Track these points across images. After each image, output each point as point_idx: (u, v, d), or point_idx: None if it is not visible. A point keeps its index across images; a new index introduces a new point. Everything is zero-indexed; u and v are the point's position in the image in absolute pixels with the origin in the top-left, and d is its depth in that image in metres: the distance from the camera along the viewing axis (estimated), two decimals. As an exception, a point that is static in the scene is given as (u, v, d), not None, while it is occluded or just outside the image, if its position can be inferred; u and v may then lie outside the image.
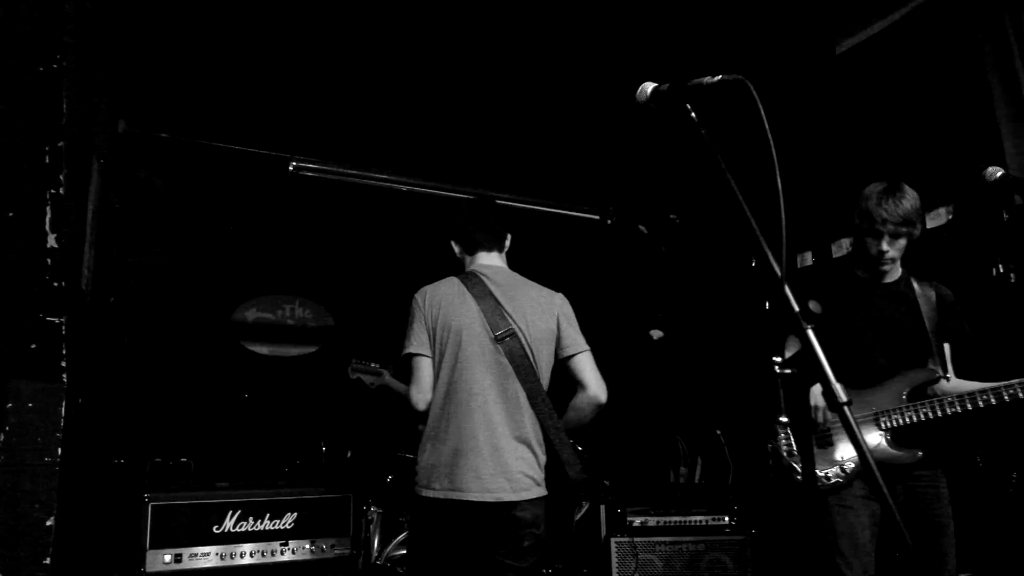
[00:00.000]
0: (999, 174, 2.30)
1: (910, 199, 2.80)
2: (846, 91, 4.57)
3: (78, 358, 2.91)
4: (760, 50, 4.48)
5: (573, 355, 2.68)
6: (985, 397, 2.56)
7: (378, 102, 4.56)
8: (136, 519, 3.00)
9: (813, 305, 1.22)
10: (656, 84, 1.65)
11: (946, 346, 2.88)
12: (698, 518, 3.99)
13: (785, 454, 2.82)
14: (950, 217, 3.93)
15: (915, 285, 2.94)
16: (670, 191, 5.50)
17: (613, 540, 3.96)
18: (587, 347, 2.72)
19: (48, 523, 2.54)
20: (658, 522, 4.00)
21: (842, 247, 4.53)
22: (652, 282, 5.63)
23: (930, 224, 4.05)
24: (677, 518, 4.00)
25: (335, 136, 4.55)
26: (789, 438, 2.84)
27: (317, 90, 4.36)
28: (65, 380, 2.65)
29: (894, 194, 2.79)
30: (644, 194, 5.48)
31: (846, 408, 1.18)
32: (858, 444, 1.15)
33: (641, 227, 5.64)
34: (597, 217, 5.31)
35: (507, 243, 2.91)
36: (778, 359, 1.80)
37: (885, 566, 2.71)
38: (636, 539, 3.93)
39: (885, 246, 2.80)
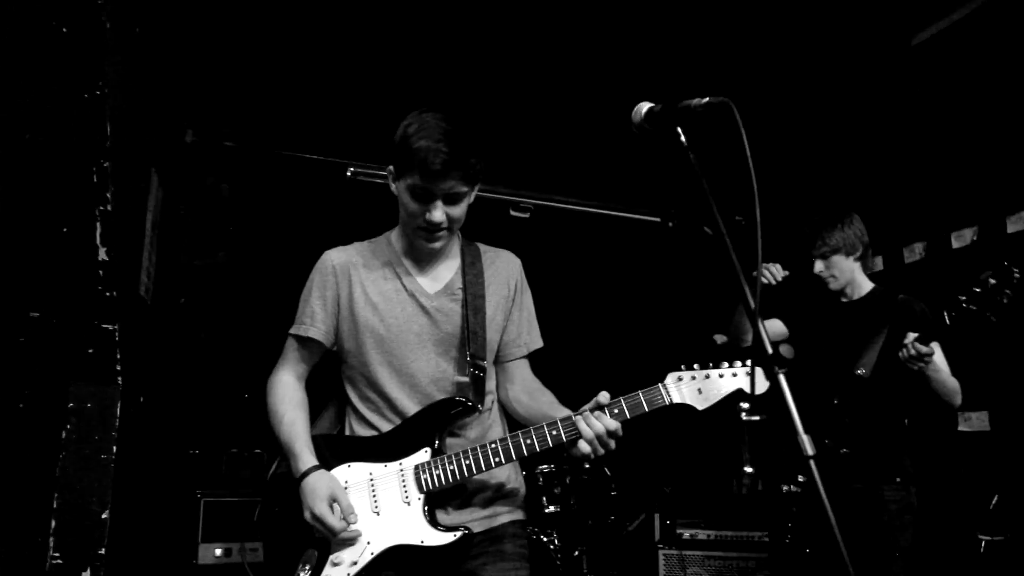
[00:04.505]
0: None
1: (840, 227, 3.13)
2: (922, 84, 4.30)
3: (137, 360, 3.10)
4: (836, 42, 4.28)
5: None
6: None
7: (434, 107, 4.60)
8: (190, 513, 3.17)
9: (785, 349, 1.17)
10: (651, 104, 1.60)
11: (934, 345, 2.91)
12: (750, 533, 3.87)
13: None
14: (1033, 221, 3.64)
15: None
16: (735, 192, 5.32)
17: (661, 552, 3.90)
18: None
19: (103, 516, 2.72)
20: (708, 535, 3.91)
21: (915, 252, 4.27)
22: (717, 285, 5.48)
23: (1011, 228, 3.77)
24: (729, 532, 3.89)
25: (392, 142, 4.64)
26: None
27: (375, 97, 4.45)
28: (120, 382, 2.83)
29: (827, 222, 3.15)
30: (703, 189, 5.32)
31: (812, 462, 1.12)
32: (819, 496, 1.09)
33: (706, 229, 5.49)
34: (658, 220, 5.20)
35: None
36: (745, 405, 1.71)
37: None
38: (685, 552, 3.85)
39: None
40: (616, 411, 1.82)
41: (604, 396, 1.82)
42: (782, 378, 1.20)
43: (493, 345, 2.03)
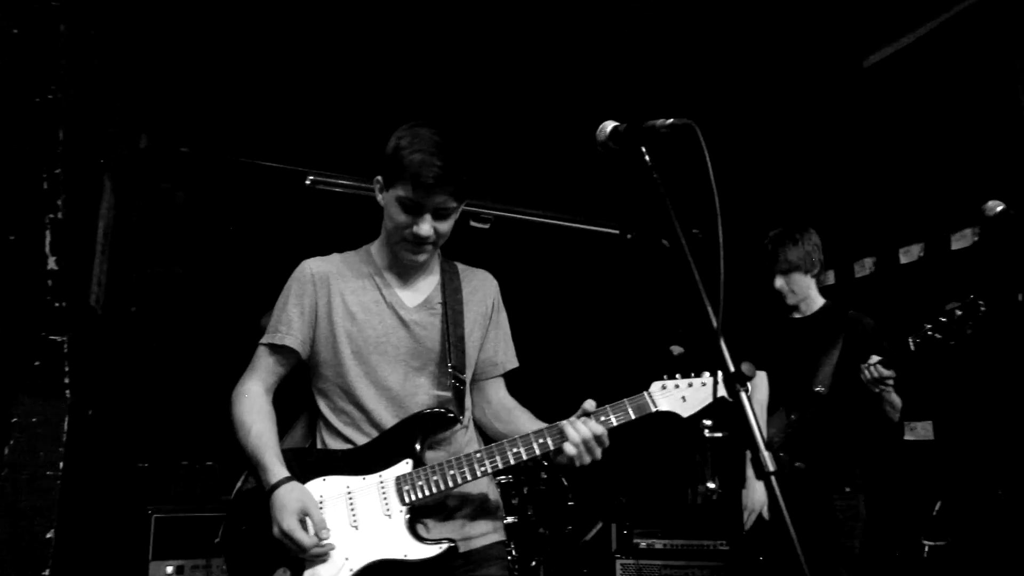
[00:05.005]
0: (999, 209, 2.22)
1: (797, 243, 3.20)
2: (873, 105, 4.45)
3: (86, 371, 3.01)
4: (790, 64, 4.41)
5: None
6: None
7: (395, 116, 4.59)
8: (140, 529, 3.08)
9: (746, 367, 1.19)
10: (616, 124, 1.62)
11: None
12: (705, 542, 3.93)
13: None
14: (976, 239, 3.79)
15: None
16: (693, 205, 5.41)
17: (618, 562, 3.93)
18: None
19: (48, 535, 2.62)
20: (664, 545, 3.95)
21: (865, 267, 4.40)
22: (673, 297, 5.55)
23: (955, 245, 3.91)
24: (684, 541, 3.95)
25: (352, 151, 4.61)
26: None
27: (335, 105, 4.42)
28: (68, 395, 2.74)
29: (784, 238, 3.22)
30: (667, 208, 5.41)
31: (773, 478, 1.15)
32: (781, 515, 1.12)
33: (664, 241, 5.57)
34: (617, 232, 5.25)
35: None
36: (708, 422, 1.76)
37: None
38: (641, 561, 3.88)
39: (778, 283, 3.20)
40: (603, 418, 1.80)
41: (590, 404, 1.81)
42: (743, 395, 1.22)
43: (471, 361, 2.01)
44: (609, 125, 1.63)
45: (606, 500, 4.84)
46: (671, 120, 1.47)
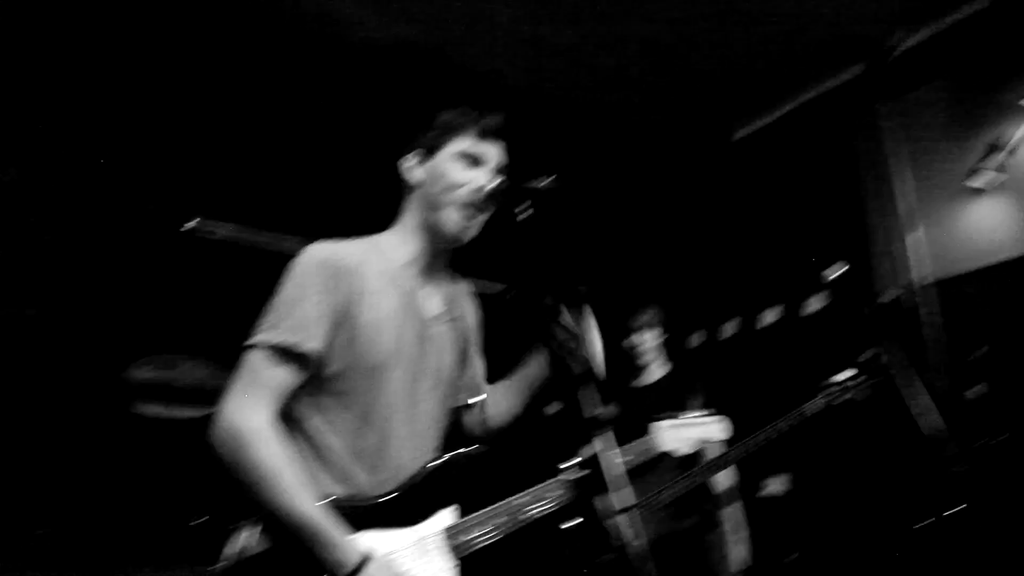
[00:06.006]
0: (838, 274, 2.45)
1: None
2: (741, 175, 4.81)
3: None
4: (666, 135, 4.72)
5: None
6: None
7: (277, 165, 4.54)
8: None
9: (605, 410, 1.25)
10: (497, 183, 1.70)
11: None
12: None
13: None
14: (826, 303, 4.11)
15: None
16: (578, 259, 5.55)
17: None
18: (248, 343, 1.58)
19: None
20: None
21: (727, 330, 4.68)
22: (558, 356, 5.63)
23: (807, 310, 4.24)
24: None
25: (234, 198, 4.50)
26: None
27: (216, 152, 4.32)
28: None
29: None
30: (550, 264, 5.53)
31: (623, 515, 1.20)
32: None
33: (547, 300, 5.68)
34: (500, 289, 5.32)
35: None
36: (568, 464, 1.79)
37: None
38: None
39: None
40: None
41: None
42: (597, 442, 1.27)
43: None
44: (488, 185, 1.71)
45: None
46: (551, 177, 1.56)
